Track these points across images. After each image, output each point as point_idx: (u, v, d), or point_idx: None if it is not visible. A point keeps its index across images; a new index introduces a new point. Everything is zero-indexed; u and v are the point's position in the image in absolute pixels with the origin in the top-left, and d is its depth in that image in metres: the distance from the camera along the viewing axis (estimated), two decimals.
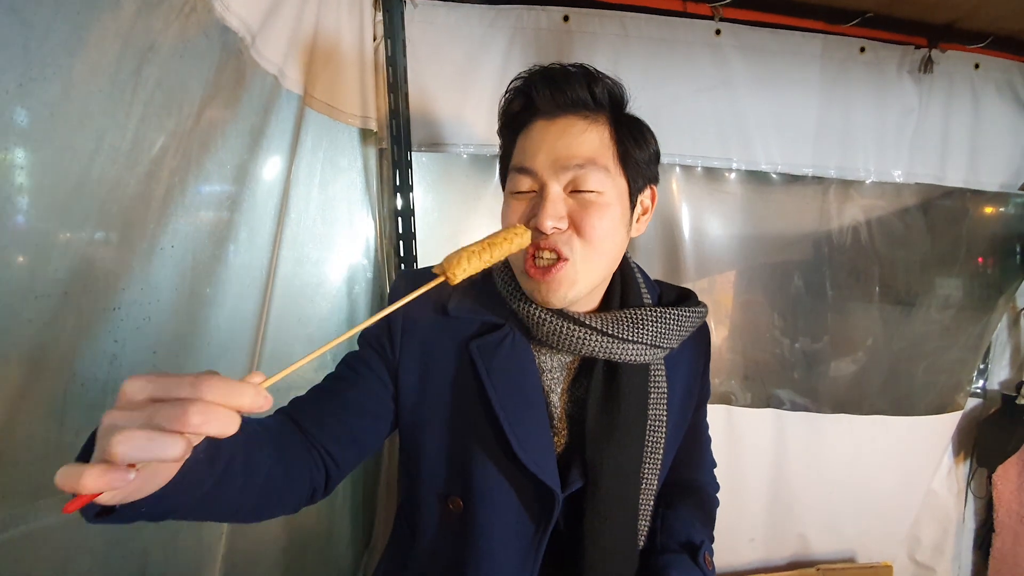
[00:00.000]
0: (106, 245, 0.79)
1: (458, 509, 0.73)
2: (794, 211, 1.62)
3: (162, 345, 0.92)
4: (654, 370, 0.77)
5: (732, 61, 1.48)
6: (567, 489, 0.70)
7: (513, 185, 0.70)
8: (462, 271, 0.60)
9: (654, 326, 0.73)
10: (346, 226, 1.36)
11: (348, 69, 1.28)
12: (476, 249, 0.62)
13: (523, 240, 0.66)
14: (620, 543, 0.73)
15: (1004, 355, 1.83)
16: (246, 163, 1.05)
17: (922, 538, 1.83)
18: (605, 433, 0.71)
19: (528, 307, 0.72)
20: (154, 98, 0.80)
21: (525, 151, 0.69)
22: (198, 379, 0.38)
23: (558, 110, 0.69)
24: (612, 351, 0.71)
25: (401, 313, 0.71)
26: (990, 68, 1.58)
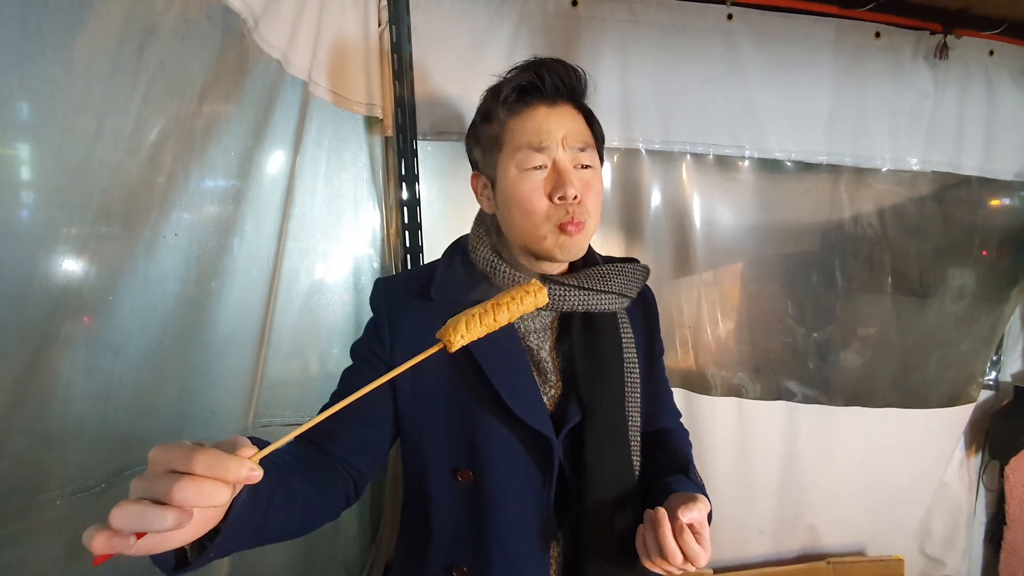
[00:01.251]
0: (108, 232, 0.77)
1: (468, 480, 0.77)
2: (807, 200, 1.60)
3: (168, 336, 0.90)
4: (620, 319, 0.86)
5: (744, 47, 1.45)
6: (567, 425, 0.77)
7: (528, 161, 0.77)
8: (460, 338, 0.60)
9: (619, 277, 0.84)
10: (352, 215, 1.34)
11: (353, 55, 1.25)
12: (478, 312, 0.61)
13: (539, 299, 0.64)
14: (620, 470, 0.79)
15: (1017, 346, 1.81)
16: (250, 150, 1.03)
17: (933, 531, 1.81)
18: (593, 370, 0.80)
19: (513, 274, 0.80)
20: (156, 81, 0.78)
21: (538, 131, 0.76)
22: (192, 453, 0.44)
23: (558, 97, 0.79)
24: (589, 303, 0.81)
25: (386, 312, 0.83)
26: (1004, 55, 1.55)
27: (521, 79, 0.78)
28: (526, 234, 0.79)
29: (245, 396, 1.12)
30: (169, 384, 0.94)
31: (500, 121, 0.79)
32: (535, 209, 0.76)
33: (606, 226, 1.52)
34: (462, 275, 0.84)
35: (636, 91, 1.44)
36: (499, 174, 0.80)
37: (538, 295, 0.64)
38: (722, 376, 1.61)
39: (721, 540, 1.67)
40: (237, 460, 0.45)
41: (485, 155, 0.83)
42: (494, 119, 0.80)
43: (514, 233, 0.81)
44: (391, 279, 0.89)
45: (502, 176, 0.79)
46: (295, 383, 1.26)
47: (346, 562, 1.41)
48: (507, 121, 0.79)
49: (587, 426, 0.77)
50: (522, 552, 0.76)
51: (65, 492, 0.78)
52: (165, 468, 0.45)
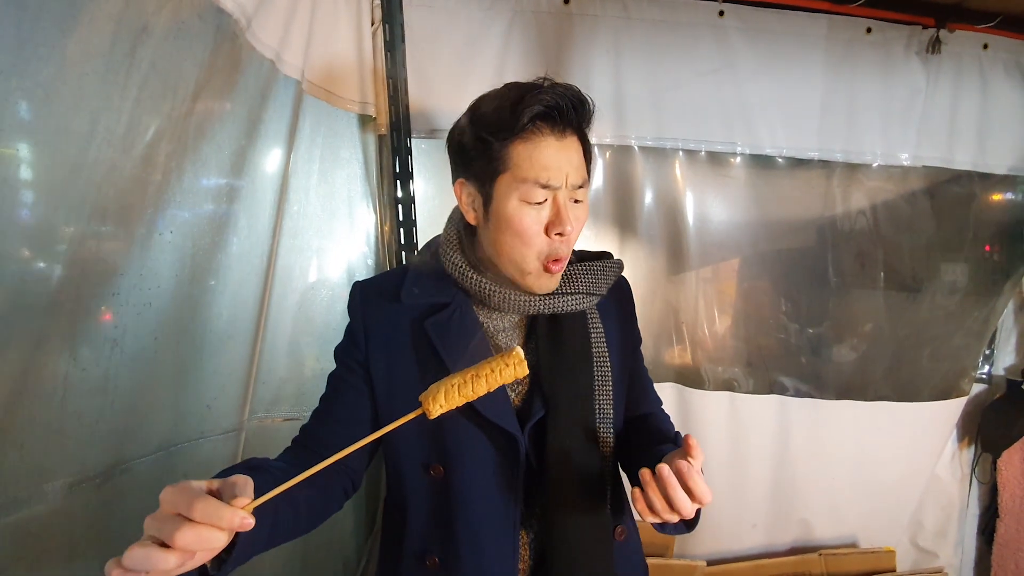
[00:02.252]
0: (104, 230, 0.79)
1: (439, 475, 0.81)
2: (799, 196, 1.60)
3: (163, 332, 0.92)
4: (590, 315, 0.88)
5: (735, 43, 1.46)
6: (532, 420, 0.79)
7: (532, 196, 0.76)
8: (438, 407, 0.63)
9: (586, 277, 0.85)
10: (346, 213, 1.35)
11: (346, 54, 1.27)
12: (457, 383, 0.64)
13: (519, 371, 0.65)
14: (584, 462, 0.81)
15: (1010, 341, 1.81)
16: (244, 149, 1.05)
17: (925, 523, 1.82)
18: (556, 367, 0.82)
19: (480, 281, 0.82)
20: (149, 81, 0.79)
21: (547, 168, 0.75)
22: (194, 500, 0.49)
23: (568, 128, 0.77)
24: (554, 306, 0.82)
25: (361, 316, 0.86)
26: (999, 48, 1.55)
27: (536, 106, 0.73)
28: (512, 263, 0.80)
29: (240, 391, 1.14)
30: (165, 379, 0.96)
31: (503, 141, 0.75)
32: (531, 243, 0.77)
33: (600, 223, 1.53)
34: (431, 278, 0.86)
35: (628, 87, 1.45)
36: (496, 196, 0.77)
37: (518, 367, 0.65)
38: (715, 371, 1.63)
39: (714, 533, 1.69)
40: (230, 510, 0.50)
41: (478, 169, 0.79)
42: (496, 137, 0.76)
43: (497, 255, 0.81)
44: (367, 282, 0.91)
45: (500, 201, 0.77)
46: (290, 379, 1.28)
47: (344, 554, 1.44)
48: (512, 145, 0.75)
49: (549, 420, 0.79)
50: (491, 543, 0.79)
51: (66, 483, 0.80)
52: (171, 510, 0.50)
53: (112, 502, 0.88)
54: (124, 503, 0.90)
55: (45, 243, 0.72)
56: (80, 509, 0.83)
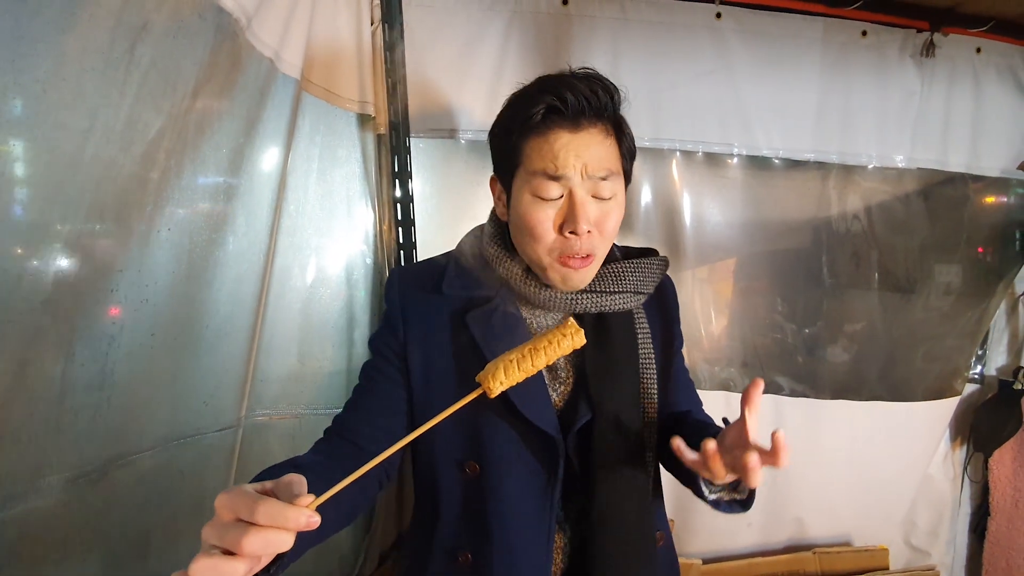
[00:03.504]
0: (102, 226, 0.79)
1: (475, 473, 0.79)
2: (795, 197, 1.61)
3: (160, 328, 0.93)
4: (636, 315, 0.86)
5: (732, 45, 1.47)
6: (577, 423, 0.77)
7: (543, 191, 0.74)
8: (499, 384, 0.61)
9: (633, 275, 0.83)
10: (345, 212, 1.36)
11: (345, 53, 1.27)
12: (515, 358, 0.62)
13: (576, 340, 0.64)
14: (629, 468, 0.79)
15: (1002, 341, 1.83)
16: (242, 147, 1.05)
17: (918, 522, 1.84)
18: (603, 369, 0.80)
19: (525, 280, 0.80)
20: (148, 78, 0.79)
21: (554, 159, 0.73)
22: (256, 504, 0.47)
23: (583, 118, 0.74)
24: (602, 304, 0.80)
25: (399, 305, 0.84)
26: (992, 52, 1.57)
27: (542, 101, 0.73)
28: (529, 259, 0.79)
29: (237, 389, 1.14)
30: (162, 375, 0.96)
31: (520, 138, 0.76)
32: (541, 240, 0.75)
33: None
34: (474, 270, 0.84)
35: (626, 88, 1.44)
36: (513, 192, 0.78)
37: (575, 337, 0.63)
38: (711, 370, 1.64)
39: (710, 532, 1.70)
40: (295, 510, 0.48)
41: (503, 166, 0.81)
42: (511, 134, 0.77)
43: (520, 250, 0.81)
44: (405, 270, 0.89)
45: (515, 196, 0.78)
46: (289, 378, 1.28)
47: (340, 552, 1.44)
48: (526, 139, 0.75)
49: (596, 424, 0.78)
50: (524, 543, 0.78)
51: (63, 479, 0.80)
52: (231, 516, 0.48)
53: (109, 497, 0.88)
54: (122, 498, 0.91)
55: (43, 239, 0.73)
56: (77, 504, 0.83)
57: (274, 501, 0.48)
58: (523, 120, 0.74)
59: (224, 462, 1.11)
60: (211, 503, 0.53)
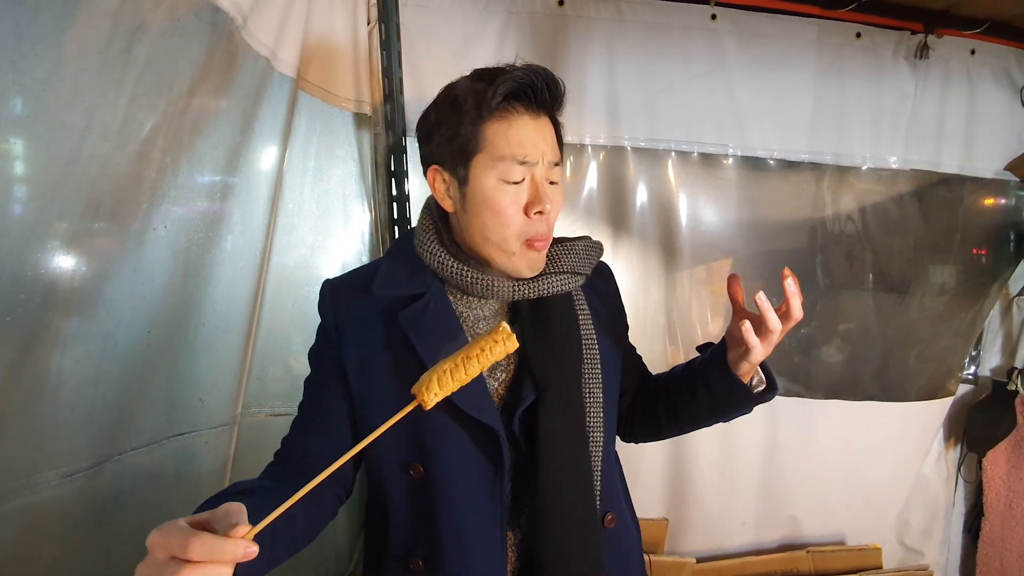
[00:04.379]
0: (98, 224, 0.80)
1: (419, 475, 0.77)
2: (790, 198, 1.62)
3: (156, 326, 0.93)
4: (576, 296, 0.86)
5: (728, 46, 1.47)
6: (522, 405, 0.76)
7: (511, 175, 0.75)
8: (433, 396, 0.61)
9: (568, 257, 0.84)
10: (341, 211, 1.36)
11: (342, 52, 1.28)
12: (448, 368, 0.62)
13: (509, 345, 0.63)
14: (573, 452, 0.78)
15: (996, 342, 1.84)
16: (238, 146, 1.06)
17: (911, 522, 1.85)
18: (546, 349, 0.79)
19: (461, 269, 0.79)
20: (144, 78, 0.80)
21: (523, 145, 0.75)
22: (188, 539, 0.46)
23: (541, 109, 0.77)
24: (539, 288, 0.80)
25: (331, 313, 0.82)
26: (986, 54, 1.58)
27: (511, 83, 0.74)
28: (494, 245, 0.78)
29: (233, 386, 1.15)
30: (158, 372, 0.97)
31: (476, 121, 0.75)
32: (510, 223, 0.76)
33: (593, 223, 1.54)
34: (405, 267, 0.83)
35: (622, 89, 1.46)
36: (473, 178, 0.76)
37: (507, 342, 0.63)
38: None
39: (704, 530, 1.70)
40: (231, 542, 0.47)
41: (453, 152, 0.78)
42: (468, 117, 0.75)
43: (479, 240, 0.79)
44: (336, 280, 0.87)
45: (476, 182, 0.76)
46: (283, 375, 1.29)
47: (336, 549, 1.45)
48: (487, 124, 0.75)
49: (541, 403, 0.76)
50: (476, 543, 0.76)
51: (58, 474, 0.81)
52: (165, 554, 0.47)
53: (104, 493, 0.89)
54: (116, 494, 0.91)
55: (40, 237, 0.74)
56: (72, 500, 0.84)
57: (207, 535, 0.47)
58: (484, 105, 0.74)
59: (220, 459, 1.12)
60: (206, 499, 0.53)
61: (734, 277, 0.78)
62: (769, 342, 0.74)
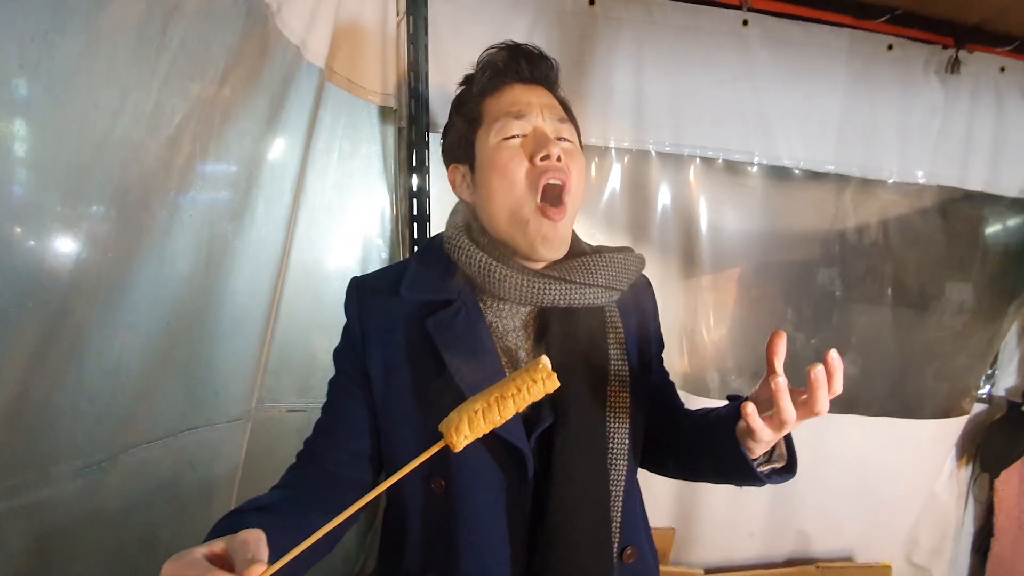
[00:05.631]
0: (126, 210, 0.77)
1: (440, 489, 0.75)
2: (811, 208, 1.60)
3: (176, 317, 0.91)
4: (609, 312, 0.81)
5: (758, 53, 1.45)
6: (538, 428, 0.73)
7: (508, 129, 0.74)
8: (463, 438, 0.57)
9: (606, 269, 0.78)
10: (362, 205, 1.34)
11: (370, 44, 1.25)
12: (481, 407, 0.57)
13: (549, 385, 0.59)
14: (590, 473, 0.74)
15: (1012, 362, 1.82)
16: (265, 135, 1.03)
17: (920, 540, 1.83)
18: (569, 369, 0.72)
19: (489, 264, 0.75)
20: (178, 59, 0.78)
21: (515, 101, 0.76)
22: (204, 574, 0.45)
23: (533, 80, 0.79)
24: (571, 297, 0.75)
25: (357, 315, 0.80)
26: (1016, 71, 1.56)
27: (496, 61, 0.79)
28: (508, 216, 0.75)
29: (249, 379, 1.13)
30: (175, 364, 0.94)
31: (475, 103, 0.79)
32: (516, 176, 0.73)
33: (614, 227, 1.52)
34: (434, 271, 0.80)
35: (649, 92, 1.44)
36: (477, 150, 0.77)
37: (547, 381, 0.58)
38: (721, 379, 1.62)
39: (712, 541, 1.68)
40: None
41: (462, 142, 0.80)
42: (469, 102, 0.80)
43: (495, 214, 0.76)
44: (363, 279, 0.84)
45: (480, 150, 0.76)
46: (300, 370, 1.26)
47: (344, 549, 1.42)
48: (483, 101, 0.78)
49: (558, 428, 0.73)
50: (495, 560, 0.73)
51: (73, 467, 0.78)
52: None
53: (119, 485, 0.86)
54: (130, 488, 0.89)
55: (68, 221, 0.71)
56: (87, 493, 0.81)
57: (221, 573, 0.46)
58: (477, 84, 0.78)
59: (233, 453, 1.10)
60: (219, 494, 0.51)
61: (778, 335, 0.66)
62: (780, 430, 0.66)
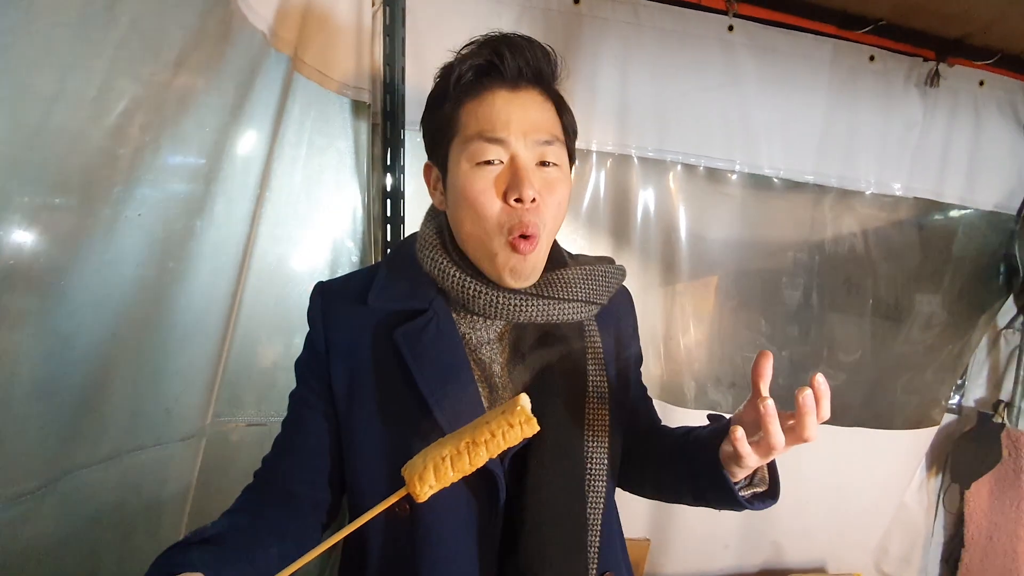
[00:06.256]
0: (63, 207, 0.69)
1: (405, 512, 0.69)
2: (790, 218, 1.60)
3: (123, 326, 0.82)
4: (587, 326, 0.78)
5: (743, 60, 1.43)
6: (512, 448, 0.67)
7: (481, 155, 0.67)
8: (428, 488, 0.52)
9: (585, 283, 0.74)
10: (332, 204, 1.26)
11: (343, 35, 1.18)
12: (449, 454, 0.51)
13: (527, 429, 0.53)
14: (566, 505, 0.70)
15: (982, 373, 1.86)
16: (227, 127, 0.95)
17: (890, 549, 1.85)
18: (546, 385, 0.70)
19: (464, 280, 0.70)
20: (127, 41, 0.70)
21: (492, 120, 0.67)
22: None
23: (520, 80, 0.68)
24: (549, 313, 0.71)
25: (321, 322, 0.74)
26: (994, 86, 1.59)
27: (478, 58, 0.68)
28: (476, 245, 0.70)
29: (204, 392, 1.04)
30: (121, 379, 0.86)
31: (453, 104, 0.69)
32: (486, 213, 0.67)
33: (595, 231, 1.48)
34: (405, 278, 0.74)
35: (634, 96, 1.41)
36: (450, 166, 0.70)
37: (525, 427, 0.52)
38: (698, 389, 1.60)
39: (686, 552, 1.66)
40: None
41: (436, 142, 0.73)
42: (447, 101, 0.70)
43: (463, 239, 0.71)
44: (329, 284, 0.79)
45: (452, 169, 0.70)
46: (260, 380, 1.18)
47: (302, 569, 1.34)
48: (461, 105, 0.69)
49: (532, 449, 0.68)
50: None
51: (6, 495, 0.69)
52: None
53: (56, 514, 0.77)
54: (69, 515, 0.80)
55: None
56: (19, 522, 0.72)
57: None
58: (456, 82, 0.68)
59: (184, 474, 1.01)
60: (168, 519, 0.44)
61: (764, 356, 0.63)
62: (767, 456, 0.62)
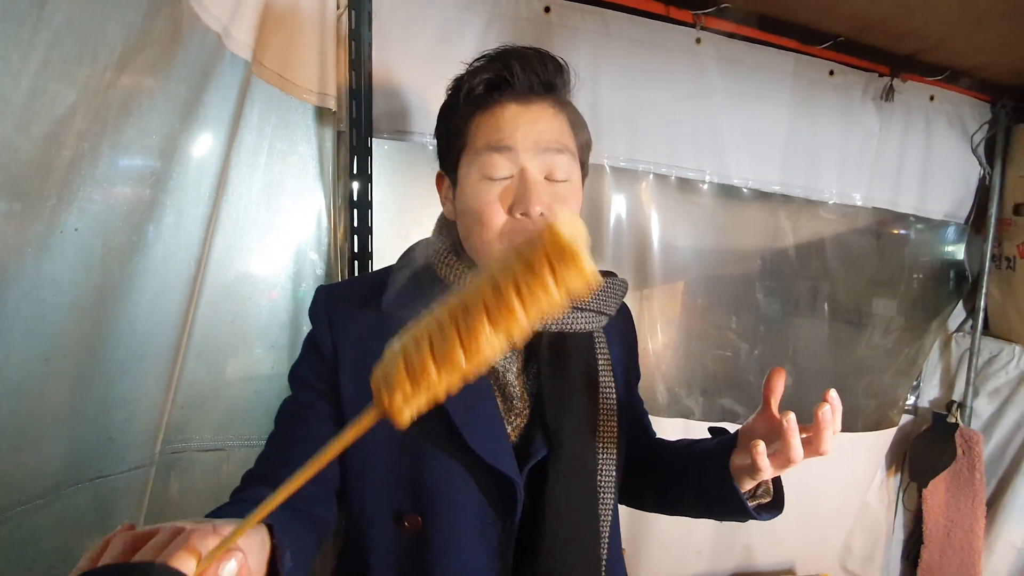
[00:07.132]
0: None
1: (416, 527, 0.67)
2: (756, 226, 1.63)
3: (58, 352, 0.75)
4: (597, 337, 0.78)
5: (710, 71, 1.45)
6: (532, 460, 0.68)
7: (489, 168, 0.67)
8: (408, 408, 0.37)
9: (596, 294, 0.74)
10: (294, 215, 1.20)
11: (306, 38, 1.12)
12: (427, 334, 0.36)
13: (573, 279, 0.38)
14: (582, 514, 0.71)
15: (935, 375, 1.94)
16: (177, 134, 0.89)
17: (854, 548, 1.90)
18: (562, 397, 0.71)
19: None
20: (61, 41, 0.63)
21: (501, 131, 0.67)
22: None
23: (531, 93, 0.69)
24: (563, 322, 0.71)
25: (327, 326, 0.71)
26: (944, 101, 1.66)
27: (489, 71, 0.69)
28: (476, 254, 0.70)
29: (153, 419, 0.96)
30: (58, 408, 0.78)
31: (464, 117, 0.70)
32: (489, 225, 0.66)
33: None
34: (422, 284, 0.72)
35: (605, 106, 1.40)
36: (460, 177, 0.71)
37: (561, 267, 0.37)
38: (671, 397, 1.61)
39: (660, 560, 1.66)
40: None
41: (448, 153, 0.73)
42: (457, 113, 0.71)
43: (470, 250, 0.71)
44: (335, 287, 0.78)
45: (462, 180, 0.70)
46: (216, 403, 1.10)
47: None
48: (471, 117, 0.69)
49: (551, 461, 0.67)
50: None
51: None
52: None
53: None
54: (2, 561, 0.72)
55: None
56: None
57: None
58: (467, 94, 0.69)
59: (131, 509, 0.93)
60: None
61: (777, 372, 0.67)
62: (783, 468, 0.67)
